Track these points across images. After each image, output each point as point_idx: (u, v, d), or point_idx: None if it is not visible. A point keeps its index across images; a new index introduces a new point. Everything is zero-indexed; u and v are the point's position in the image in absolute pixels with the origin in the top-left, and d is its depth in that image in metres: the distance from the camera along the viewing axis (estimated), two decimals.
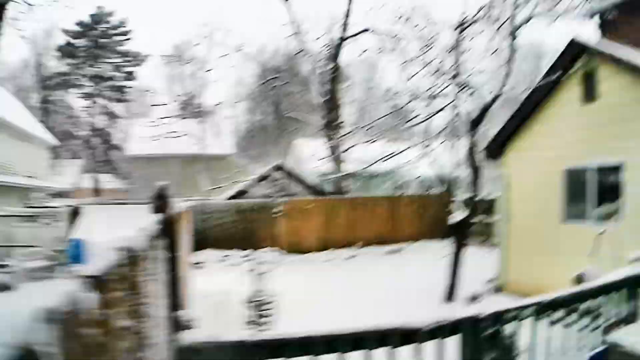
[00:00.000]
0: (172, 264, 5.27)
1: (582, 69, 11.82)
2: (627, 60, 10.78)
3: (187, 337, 3.94)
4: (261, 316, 8.10)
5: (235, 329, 9.23)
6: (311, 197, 23.65)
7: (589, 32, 13.46)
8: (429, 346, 4.92)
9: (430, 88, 12.52)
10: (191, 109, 34.43)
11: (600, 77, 11.53)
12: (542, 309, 5.65)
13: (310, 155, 23.07)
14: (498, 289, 14.32)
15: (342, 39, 22.00)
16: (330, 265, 20.67)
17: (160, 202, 4.49)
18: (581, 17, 15.83)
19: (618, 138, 11.03)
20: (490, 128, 15.57)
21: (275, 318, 8.49)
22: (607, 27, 15.78)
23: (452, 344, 5.06)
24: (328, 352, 4.45)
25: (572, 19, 12.25)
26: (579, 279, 8.96)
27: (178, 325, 3.94)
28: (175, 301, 5.07)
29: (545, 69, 12.88)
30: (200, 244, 20.32)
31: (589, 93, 11.73)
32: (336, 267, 20.07)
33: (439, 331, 4.89)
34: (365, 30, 12.14)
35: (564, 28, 12.79)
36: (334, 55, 22.73)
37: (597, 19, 16.26)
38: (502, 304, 5.52)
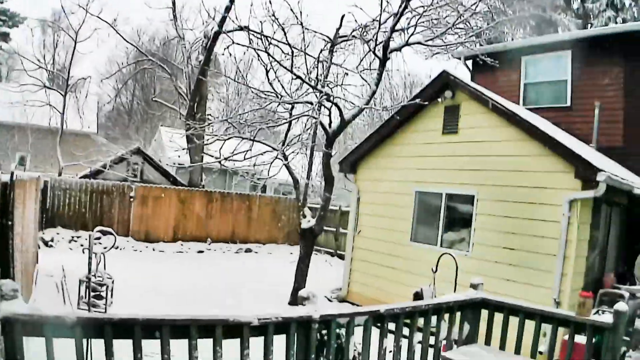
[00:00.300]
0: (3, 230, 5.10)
1: (448, 102, 12.36)
2: (488, 98, 11.44)
3: (7, 308, 3.84)
4: (94, 297, 7.91)
5: (71, 309, 9.02)
6: (166, 186, 23.27)
7: (462, 73, 14.20)
8: (256, 342, 5.01)
9: (294, 93, 12.68)
10: (58, 80, 32.99)
11: (463, 112, 12.11)
12: (377, 318, 5.88)
13: (171, 144, 22.71)
14: (342, 298, 14.70)
15: (218, 33, 21.82)
16: (180, 257, 20.52)
17: None
18: (454, 58, 16.78)
19: (472, 172, 11.68)
20: (354, 144, 15.94)
21: (111, 301, 8.32)
22: (477, 72, 16.94)
23: (281, 341, 5.17)
24: (150, 337, 4.44)
25: (446, 60, 12.81)
26: (417, 296, 9.39)
27: (2, 296, 3.79)
28: (4, 270, 4.91)
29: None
30: (51, 221, 19.77)
31: (451, 125, 12.28)
32: (186, 260, 19.93)
33: (268, 327, 4.99)
34: (242, 28, 12.14)
35: (442, 66, 13.34)
36: (208, 48, 22.50)
37: (469, 63, 17.47)
38: (336, 308, 5.71)
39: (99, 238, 17.26)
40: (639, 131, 13.68)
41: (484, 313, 7.12)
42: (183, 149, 19.60)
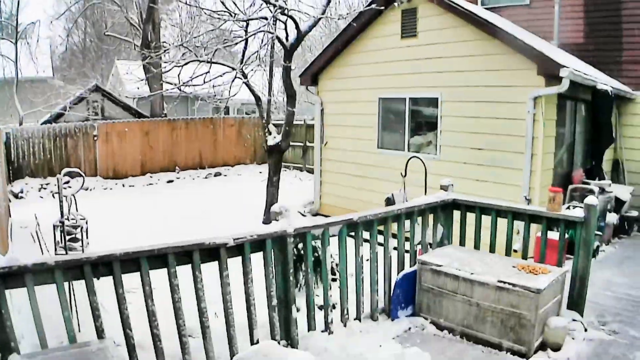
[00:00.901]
0: None
1: (404, 5, 12.13)
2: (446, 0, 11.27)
3: None
4: (70, 241, 7.84)
5: (49, 255, 8.96)
6: (129, 120, 22.96)
7: None
8: (234, 262, 5.04)
9: (248, 10, 12.40)
10: (7, 29, 31.95)
11: (420, 14, 11.89)
12: (351, 226, 5.92)
13: (128, 76, 22.26)
14: (315, 212, 14.81)
15: None
16: (151, 189, 20.50)
17: None
18: None
19: (434, 74, 11.57)
20: (313, 57, 15.71)
21: (87, 242, 8.26)
22: None
23: (259, 259, 5.21)
24: (130, 271, 4.44)
25: None
26: (388, 202, 9.45)
27: None
28: None
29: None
30: (17, 173, 19.49)
31: (409, 29, 12.08)
32: (156, 191, 19.95)
33: (244, 246, 5.01)
34: None
35: None
36: None
37: None
38: (310, 221, 5.72)
39: (67, 182, 17.11)
40: (600, 27, 13.65)
41: (457, 215, 7.21)
42: (141, 80, 19.21)
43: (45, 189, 19.14)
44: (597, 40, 13.63)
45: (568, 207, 8.52)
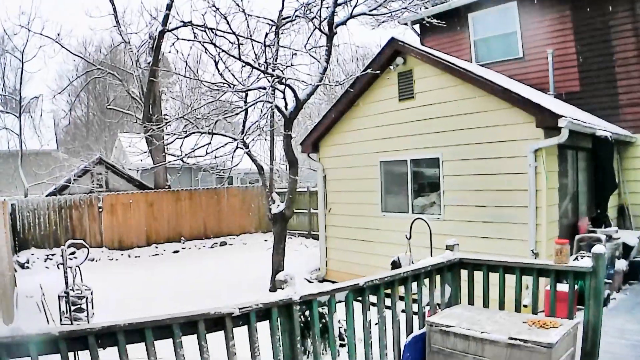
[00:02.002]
0: None
1: (400, 68, 12.33)
2: (439, 59, 11.43)
3: None
4: (75, 311, 7.83)
5: (54, 326, 8.92)
6: (133, 192, 23.08)
7: (411, 39, 14.14)
8: (241, 331, 4.99)
9: (246, 80, 12.59)
10: (10, 103, 32.51)
11: (416, 76, 12.08)
12: (357, 291, 5.86)
13: (131, 149, 22.48)
14: (321, 278, 14.74)
15: (163, 32, 21.53)
16: (156, 259, 20.44)
17: None
18: (401, 24, 16.76)
19: (434, 134, 11.67)
20: (313, 124, 15.88)
21: (92, 312, 8.25)
22: (426, 35, 16.97)
23: (265, 328, 5.15)
24: (134, 341, 4.41)
25: (394, 27, 12.76)
26: (394, 265, 9.40)
27: None
28: None
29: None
30: (23, 243, 19.61)
31: (406, 91, 12.25)
32: (162, 261, 19.86)
33: (250, 315, 4.97)
34: (185, 23, 12.04)
35: (390, 34, 13.24)
36: (155, 49, 22.21)
37: (417, 27, 17.48)
38: (316, 288, 5.68)
39: (73, 253, 17.08)
40: (595, 74, 13.82)
41: (464, 274, 7.14)
42: (144, 152, 19.39)
43: (50, 259, 19.16)
44: (593, 87, 13.80)
45: (576, 258, 8.47)
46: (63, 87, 34.19)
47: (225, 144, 13.30)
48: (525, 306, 7.15)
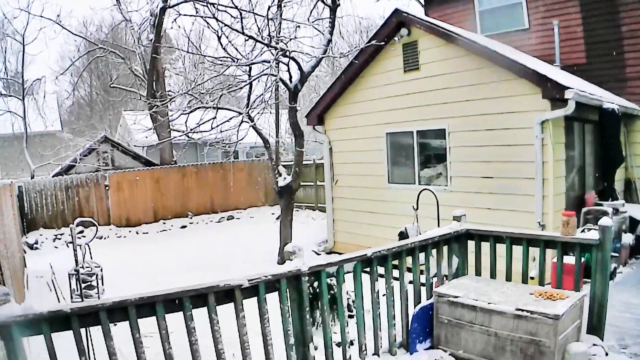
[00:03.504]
0: None
1: (405, 39, 12.25)
2: (444, 30, 11.34)
3: (4, 313, 3.83)
4: (86, 288, 7.88)
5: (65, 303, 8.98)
6: (139, 169, 23.11)
7: (416, 10, 14.01)
8: (250, 302, 5.02)
9: (250, 54, 12.53)
10: (13, 86, 32.53)
11: (421, 47, 11.98)
12: (365, 262, 5.88)
13: (137, 127, 22.46)
14: (329, 250, 14.76)
15: (164, 8, 21.39)
16: (164, 235, 20.53)
17: None
18: None
19: (440, 105, 11.60)
20: (318, 97, 15.82)
21: (103, 289, 8.30)
22: (430, 6, 16.83)
23: (274, 298, 5.19)
24: (145, 315, 4.45)
25: None
26: (402, 235, 9.41)
27: None
28: None
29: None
30: (31, 225, 19.74)
31: (411, 62, 12.16)
32: (170, 237, 19.96)
33: (259, 287, 5.00)
34: None
35: (394, 5, 13.07)
36: (157, 25, 22.10)
37: None
38: (323, 258, 5.71)
39: (82, 232, 17.23)
40: (601, 46, 13.69)
41: (471, 245, 7.15)
42: (149, 129, 19.41)
43: (59, 239, 19.30)
44: (600, 59, 13.67)
45: (583, 231, 8.43)
46: (65, 68, 34.09)
47: (231, 119, 13.28)
48: (532, 278, 7.18)
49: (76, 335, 4.16)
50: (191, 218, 22.61)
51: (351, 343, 5.86)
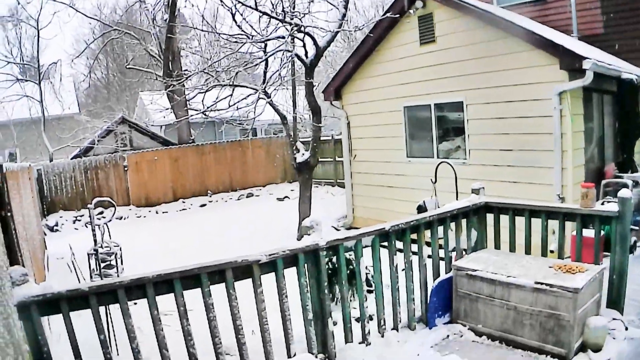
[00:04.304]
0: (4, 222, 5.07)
1: (420, 12, 12.09)
2: (459, 1, 11.16)
3: (20, 293, 3.87)
4: (105, 268, 7.93)
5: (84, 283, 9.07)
6: (157, 148, 23.20)
7: None
8: (268, 278, 5.04)
9: (265, 30, 12.45)
10: (30, 71, 32.72)
11: (437, 19, 11.81)
12: (383, 236, 5.87)
13: (154, 107, 22.53)
14: (348, 226, 14.73)
15: None
16: (184, 214, 20.64)
17: None
18: None
19: (457, 77, 11.44)
20: (335, 72, 15.72)
21: (122, 268, 8.35)
22: None
23: (292, 274, 5.20)
24: (163, 292, 4.48)
25: None
26: (420, 209, 9.37)
27: (13, 283, 3.83)
28: (12, 258, 4.90)
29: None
30: (51, 207, 19.98)
31: (427, 35, 12.00)
32: (190, 215, 20.09)
33: (277, 262, 5.01)
34: None
35: None
36: (171, 5, 22.04)
37: None
38: (341, 233, 5.70)
39: (101, 212, 17.38)
40: (619, 15, 13.41)
41: (490, 219, 7.11)
42: (166, 109, 19.43)
43: (79, 220, 19.47)
44: (617, 29, 13.38)
45: (602, 203, 8.35)
46: (80, 51, 34.19)
47: (248, 96, 13.26)
48: (552, 252, 7.11)
49: (94, 314, 4.21)
50: (210, 196, 22.69)
51: (370, 318, 5.88)
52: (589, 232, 6.37)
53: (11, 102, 27.00)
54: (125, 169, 21.07)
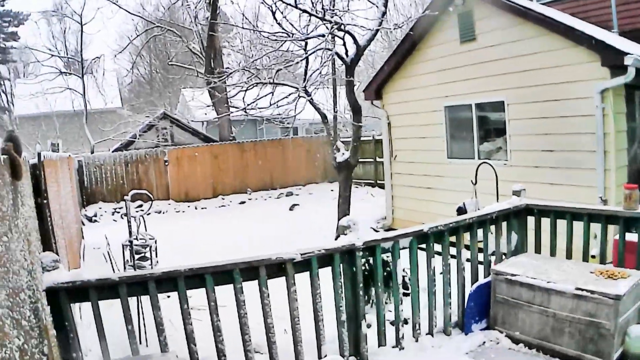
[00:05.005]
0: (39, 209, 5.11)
1: (459, 9, 11.95)
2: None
3: (49, 279, 3.90)
4: (139, 259, 7.99)
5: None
6: (198, 144, 23.39)
7: None
8: (302, 277, 5.00)
9: (305, 28, 12.41)
10: (73, 65, 33.28)
11: (476, 17, 11.67)
12: (421, 237, 5.78)
13: (195, 103, 22.73)
14: (388, 227, 14.60)
15: None
16: (223, 210, 20.76)
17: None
18: None
19: (498, 76, 11.26)
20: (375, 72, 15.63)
21: (156, 261, 8.41)
22: None
23: (327, 274, 5.15)
24: (195, 287, 4.48)
25: None
26: (460, 211, 9.24)
27: (43, 268, 3.88)
28: (45, 245, 4.94)
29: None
30: (90, 198, 20.40)
31: (467, 33, 11.86)
32: (229, 212, 20.18)
33: (312, 261, 4.97)
34: None
35: None
36: (212, 3, 22.22)
37: None
38: (378, 234, 5.63)
39: (140, 206, 17.56)
40: None
41: (531, 222, 6.96)
42: (208, 106, 19.56)
43: (118, 212, 19.85)
44: None
45: None
46: (123, 46, 34.73)
47: (289, 95, 13.24)
48: (593, 257, 6.93)
49: (124, 303, 4.26)
50: (250, 194, 22.79)
51: (405, 322, 5.80)
52: (632, 237, 6.19)
53: (55, 95, 27.59)
54: (166, 163, 21.30)
